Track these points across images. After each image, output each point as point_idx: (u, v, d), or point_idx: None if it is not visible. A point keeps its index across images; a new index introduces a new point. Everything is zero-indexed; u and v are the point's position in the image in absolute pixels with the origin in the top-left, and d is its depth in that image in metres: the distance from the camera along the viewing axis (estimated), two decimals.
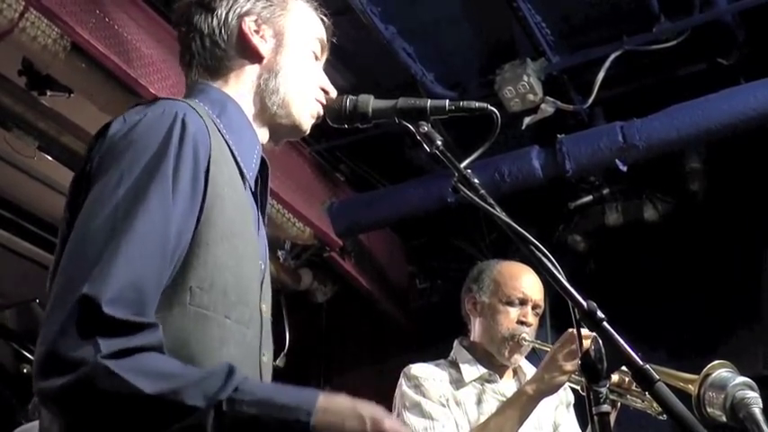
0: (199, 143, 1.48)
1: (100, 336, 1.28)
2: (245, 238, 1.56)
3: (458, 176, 1.62)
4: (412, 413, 2.74)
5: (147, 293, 1.36)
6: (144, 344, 1.32)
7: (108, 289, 1.31)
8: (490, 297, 2.93)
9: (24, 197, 4.67)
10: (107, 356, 1.27)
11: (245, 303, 1.53)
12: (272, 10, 1.76)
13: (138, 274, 1.35)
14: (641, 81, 4.34)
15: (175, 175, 1.43)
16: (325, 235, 4.71)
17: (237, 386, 1.32)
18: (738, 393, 2.04)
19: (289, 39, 1.77)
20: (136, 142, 1.45)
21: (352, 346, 5.65)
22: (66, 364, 1.27)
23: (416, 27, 4.00)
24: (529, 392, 2.60)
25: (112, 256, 1.33)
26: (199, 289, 1.44)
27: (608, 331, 1.42)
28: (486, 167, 4.24)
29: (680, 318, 4.60)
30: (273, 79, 1.73)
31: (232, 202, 1.53)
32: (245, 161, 1.64)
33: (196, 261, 1.45)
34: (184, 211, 1.44)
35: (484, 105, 1.74)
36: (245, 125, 1.70)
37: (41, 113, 3.81)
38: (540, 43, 4.00)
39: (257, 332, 1.58)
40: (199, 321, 1.44)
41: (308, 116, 1.78)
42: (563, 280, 1.47)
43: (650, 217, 4.83)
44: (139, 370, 1.29)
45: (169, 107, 1.51)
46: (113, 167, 1.43)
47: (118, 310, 1.30)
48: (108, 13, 3.34)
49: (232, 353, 1.47)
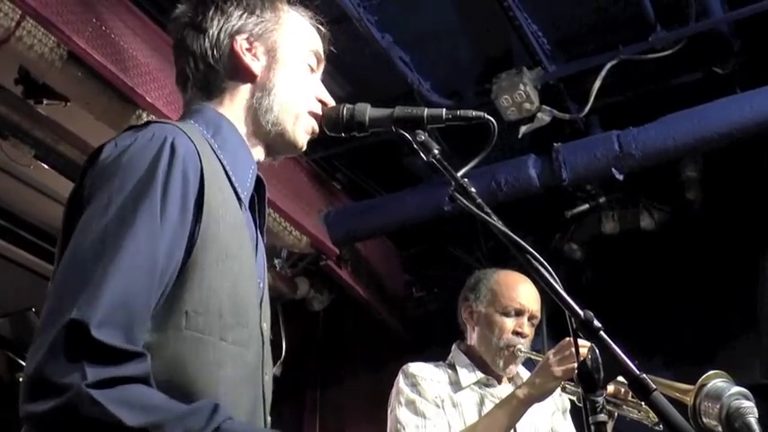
0: (188, 166, 1.48)
1: (87, 362, 1.28)
2: (241, 258, 1.56)
3: (455, 185, 1.62)
4: (406, 410, 2.76)
5: (136, 315, 1.36)
6: (130, 374, 1.31)
7: (96, 312, 1.30)
8: (487, 307, 2.93)
9: (20, 205, 4.67)
10: (92, 385, 1.26)
11: (243, 325, 1.53)
12: (264, 26, 1.76)
13: (127, 296, 1.34)
14: (637, 90, 4.35)
15: (164, 198, 1.43)
16: (322, 243, 4.71)
17: (220, 425, 1.32)
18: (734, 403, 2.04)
19: (282, 54, 1.76)
20: (125, 167, 1.45)
21: (348, 355, 5.64)
22: (52, 389, 1.27)
23: (413, 36, 4.01)
24: (520, 396, 2.60)
25: (100, 280, 1.33)
26: (194, 313, 1.44)
27: (605, 341, 1.42)
28: (483, 176, 4.25)
29: (676, 327, 4.60)
30: (267, 97, 1.73)
31: (227, 223, 1.53)
32: (240, 180, 1.64)
33: (191, 283, 1.45)
34: (174, 233, 1.43)
35: (480, 114, 1.74)
36: (240, 145, 1.70)
37: (38, 122, 3.80)
38: (537, 52, 4.01)
39: (258, 352, 1.58)
40: (194, 345, 1.43)
41: (303, 133, 1.77)
42: (559, 289, 1.46)
43: (647, 226, 4.83)
44: (123, 401, 1.28)
45: (159, 131, 1.50)
46: (103, 192, 1.43)
47: (107, 334, 1.30)
48: (105, 22, 3.34)
49: (229, 375, 1.47)
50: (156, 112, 3.53)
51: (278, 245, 4.76)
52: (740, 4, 3.80)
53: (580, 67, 4.11)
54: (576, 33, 4.08)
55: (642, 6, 3.83)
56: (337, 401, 5.55)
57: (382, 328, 5.41)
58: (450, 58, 4.18)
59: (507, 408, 2.62)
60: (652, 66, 4.07)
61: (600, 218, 4.89)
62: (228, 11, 1.74)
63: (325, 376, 5.65)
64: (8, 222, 4.73)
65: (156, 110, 3.52)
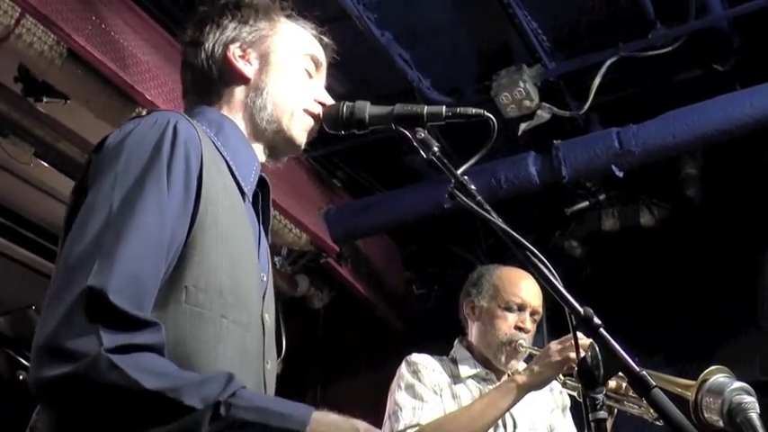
0: (190, 149, 1.52)
1: (103, 328, 1.30)
2: (240, 244, 1.58)
3: (454, 182, 1.62)
4: (405, 393, 2.78)
5: (147, 288, 1.39)
6: (146, 342, 1.34)
7: (113, 280, 1.33)
8: (489, 302, 2.94)
9: (20, 203, 4.68)
10: (110, 350, 1.29)
11: (243, 306, 1.55)
12: (258, 33, 1.81)
13: (139, 269, 1.38)
14: (637, 87, 4.35)
15: (168, 177, 1.47)
16: (322, 241, 4.71)
17: (236, 392, 1.34)
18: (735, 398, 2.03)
19: (275, 57, 1.80)
20: (129, 148, 1.49)
21: (348, 352, 5.64)
22: (67, 355, 1.29)
23: (413, 33, 4.01)
24: (518, 382, 2.62)
25: (114, 250, 1.36)
26: (194, 288, 1.46)
27: (605, 337, 1.42)
28: (483, 173, 4.25)
29: (676, 323, 4.60)
30: (260, 97, 1.77)
31: (226, 209, 1.56)
32: (243, 176, 1.68)
33: (191, 261, 1.47)
34: (178, 211, 1.47)
35: (480, 111, 1.74)
36: (242, 142, 1.73)
37: (38, 120, 3.81)
38: (537, 49, 4.01)
39: (259, 338, 1.60)
40: (194, 319, 1.46)
41: (300, 129, 1.80)
42: (559, 286, 1.47)
43: (646, 222, 4.84)
44: (141, 366, 1.31)
45: (162, 117, 1.55)
46: (109, 172, 1.47)
47: (124, 301, 1.33)
48: (104, 20, 3.34)
49: (228, 352, 1.49)
50: (156, 109, 3.52)
51: (278, 242, 4.76)
52: (740, 0, 3.80)
53: (580, 65, 4.11)
54: (575, 30, 4.08)
55: (642, 3, 3.83)
56: (337, 398, 5.55)
57: (382, 326, 5.42)
58: (449, 55, 4.18)
59: (504, 391, 2.64)
60: (652, 63, 4.07)
61: (600, 215, 4.89)
62: (224, 24, 1.80)
63: (325, 373, 5.65)
64: (8, 220, 4.74)
65: (155, 107, 3.52)
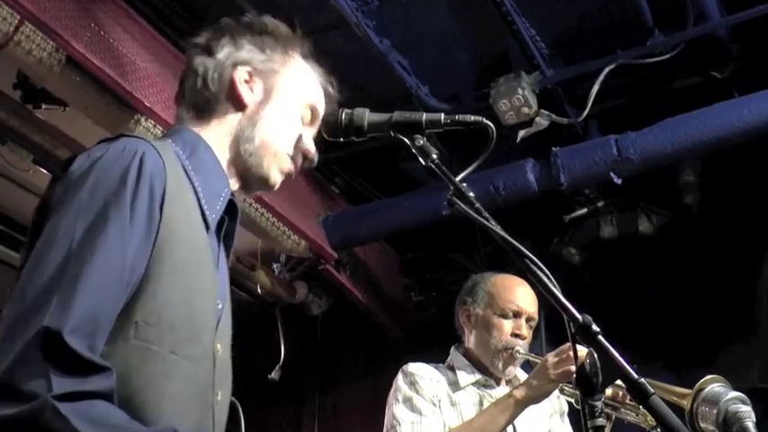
0: (155, 181, 1.49)
1: (55, 371, 1.27)
2: (198, 274, 1.55)
3: (453, 190, 1.63)
4: (402, 407, 2.77)
5: (102, 327, 1.36)
6: (97, 389, 1.31)
7: (69, 321, 1.30)
8: (484, 309, 2.94)
9: (19, 210, 4.67)
10: (58, 397, 1.26)
11: (196, 340, 1.52)
12: (270, 65, 1.78)
13: (96, 309, 1.35)
14: (635, 94, 4.35)
15: (132, 211, 1.44)
16: (321, 248, 4.71)
17: None
18: (731, 408, 2.04)
19: (277, 95, 1.78)
20: (96, 177, 1.46)
21: (347, 359, 5.64)
22: (16, 395, 1.26)
23: (411, 40, 4.01)
24: (516, 397, 2.62)
25: (72, 289, 1.33)
26: (144, 323, 1.43)
27: (603, 345, 1.42)
28: (481, 180, 4.25)
29: (674, 330, 4.60)
30: (251, 128, 1.74)
31: (186, 239, 1.53)
32: (210, 202, 1.64)
33: (145, 294, 1.45)
34: (139, 245, 1.44)
35: (479, 119, 1.75)
36: (215, 166, 1.70)
37: (36, 127, 3.81)
38: (535, 56, 4.01)
39: (210, 370, 1.57)
40: (141, 355, 1.42)
41: (278, 171, 1.77)
42: (558, 293, 1.47)
43: (645, 230, 4.84)
44: (86, 417, 1.28)
45: (130, 145, 1.52)
46: (73, 200, 1.44)
47: (78, 344, 1.30)
48: (103, 27, 3.34)
49: (177, 388, 1.46)
50: (154, 116, 3.53)
51: (276, 249, 4.76)
52: (738, 8, 3.81)
53: (578, 72, 4.11)
54: (574, 38, 4.09)
55: (640, 11, 3.84)
56: (336, 405, 5.55)
57: (381, 332, 5.41)
58: (448, 62, 4.18)
59: (503, 406, 2.64)
60: (650, 70, 4.07)
61: (598, 222, 4.89)
62: (240, 43, 1.78)
63: (323, 380, 5.64)
64: (7, 227, 4.73)
65: (154, 114, 3.52)
